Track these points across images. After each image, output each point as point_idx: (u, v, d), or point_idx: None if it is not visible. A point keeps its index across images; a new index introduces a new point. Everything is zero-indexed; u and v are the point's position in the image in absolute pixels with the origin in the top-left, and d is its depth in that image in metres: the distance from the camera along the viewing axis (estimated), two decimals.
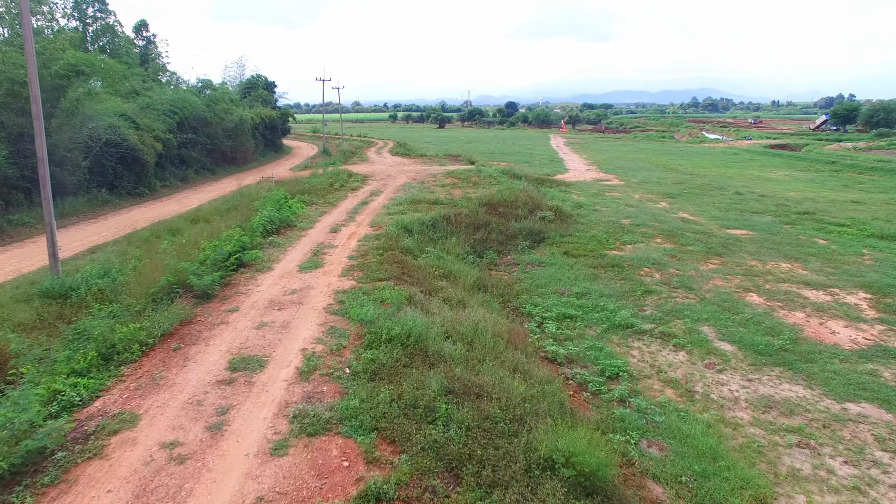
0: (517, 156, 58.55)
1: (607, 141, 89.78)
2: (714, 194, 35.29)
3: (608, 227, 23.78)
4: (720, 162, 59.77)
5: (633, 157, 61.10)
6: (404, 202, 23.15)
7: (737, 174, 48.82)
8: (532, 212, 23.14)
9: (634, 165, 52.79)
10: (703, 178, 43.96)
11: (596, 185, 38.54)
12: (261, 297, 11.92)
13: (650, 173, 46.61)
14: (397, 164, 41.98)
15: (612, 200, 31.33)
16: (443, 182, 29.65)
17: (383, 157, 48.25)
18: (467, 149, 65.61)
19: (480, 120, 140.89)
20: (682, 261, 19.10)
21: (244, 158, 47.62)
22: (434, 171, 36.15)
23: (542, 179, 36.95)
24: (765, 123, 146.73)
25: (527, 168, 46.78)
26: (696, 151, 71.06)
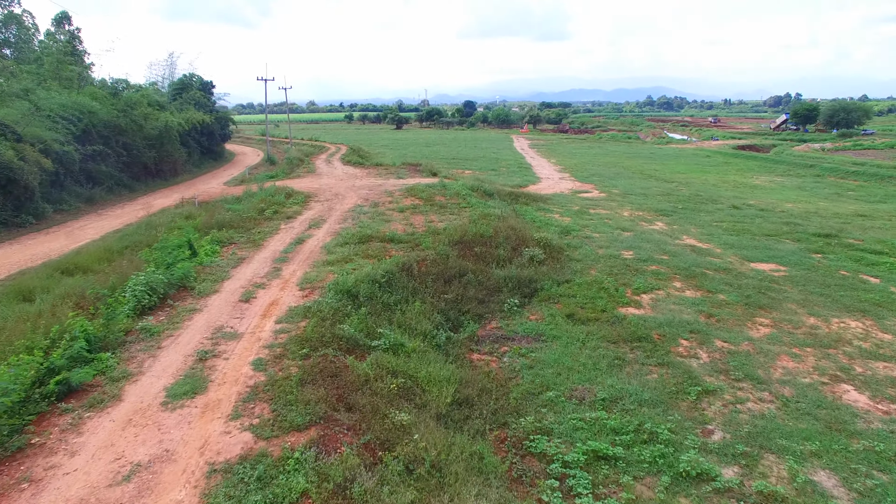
0: (482, 161, 53.57)
1: (572, 142, 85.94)
2: (709, 209, 31.09)
3: (610, 265, 18.88)
4: (695, 166, 56.31)
5: (604, 162, 57.01)
6: (351, 240, 17.69)
7: (720, 181, 45.15)
8: (516, 249, 17.99)
9: (609, 172, 48.54)
10: (689, 188, 39.93)
11: (576, 198, 33.83)
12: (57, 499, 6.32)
13: (630, 181, 42.34)
14: (348, 176, 36.32)
15: (601, 222, 26.58)
16: (401, 204, 24.25)
17: (333, 166, 42.44)
18: (427, 154, 60.30)
19: (439, 120, 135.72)
20: (723, 321, 14.30)
21: (173, 171, 41.05)
22: (391, 186, 30.71)
23: (515, 194, 31.95)
24: (723, 122, 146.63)
25: (495, 177, 41.82)
26: (667, 154, 67.69)
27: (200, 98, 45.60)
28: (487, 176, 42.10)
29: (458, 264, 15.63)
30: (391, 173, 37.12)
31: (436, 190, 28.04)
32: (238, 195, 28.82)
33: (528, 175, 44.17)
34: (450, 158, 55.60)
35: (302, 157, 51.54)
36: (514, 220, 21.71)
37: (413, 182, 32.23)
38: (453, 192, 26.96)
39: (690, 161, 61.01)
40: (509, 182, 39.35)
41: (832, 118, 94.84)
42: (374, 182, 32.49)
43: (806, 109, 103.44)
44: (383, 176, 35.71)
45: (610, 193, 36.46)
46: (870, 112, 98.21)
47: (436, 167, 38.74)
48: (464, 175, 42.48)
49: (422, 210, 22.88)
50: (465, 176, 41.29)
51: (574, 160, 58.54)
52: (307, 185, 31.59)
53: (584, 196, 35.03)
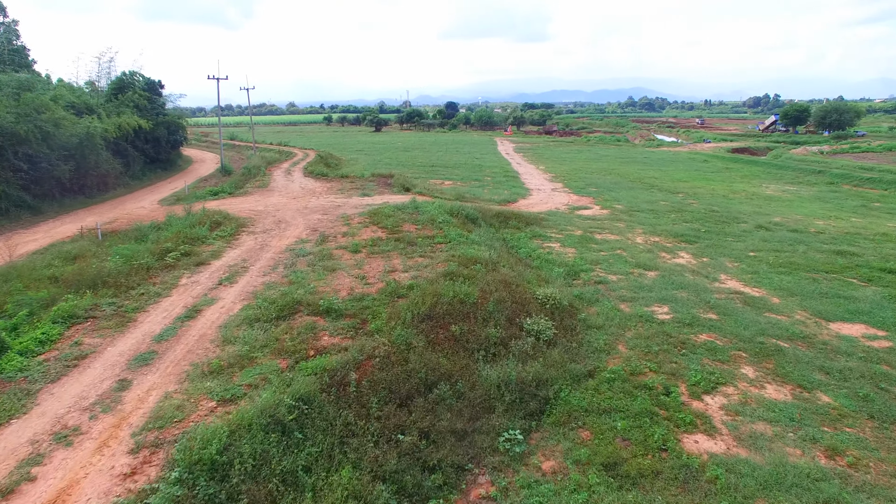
0: (464, 169, 47.71)
1: (559, 146, 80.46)
2: (735, 232, 25.62)
3: (644, 336, 13.13)
4: (696, 172, 51.09)
5: (598, 168, 51.50)
6: (268, 313, 11.70)
7: (728, 191, 39.85)
8: (513, 320, 12.15)
9: (606, 181, 42.99)
10: (699, 201, 34.50)
11: (575, 217, 28.11)
12: None
13: (631, 193, 36.80)
14: (304, 192, 30.20)
15: (614, 254, 20.86)
16: (357, 239, 18.24)
17: (292, 178, 36.22)
18: (404, 160, 54.27)
19: (419, 122, 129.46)
20: (860, 466, 8.60)
21: (101, 185, 34.51)
22: (351, 208, 24.70)
23: (504, 215, 26.13)
24: (709, 123, 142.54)
25: (478, 190, 36.01)
26: (661, 158, 62.44)
27: (140, 100, 39.02)
28: (470, 189, 36.28)
29: (425, 363, 9.72)
30: (356, 188, 31.05)
31: (406, 214, 22.06)
32: (163, 220, 22.67)
33: (517, 186, 38.39)
34: (428, 166, 49.63)
35: (263, 165, 45.19)
36: (507, 265, 15.82)
37: (380, 201, 26.24)
38: (427, 219, 21.02)
39: (689, 166, 55.82)
40: (496, 196, 33.56)
41: (824, 119, 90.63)
42: (333, 202, 26.41)
43: (796, 110, 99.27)
44: (346, 192, 29.62)
45: (613, 210, 30.85)
46: (861, 113, 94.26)
47: (410, 180, 32.73)
48: (443, 187, 36.61)
49: (383, 248, 16.88)
50: (444, 189, 35.41)
51: (564, 166, 52.95)
52: (249, 207, 25.42)
53: (583, 214, 29.34)
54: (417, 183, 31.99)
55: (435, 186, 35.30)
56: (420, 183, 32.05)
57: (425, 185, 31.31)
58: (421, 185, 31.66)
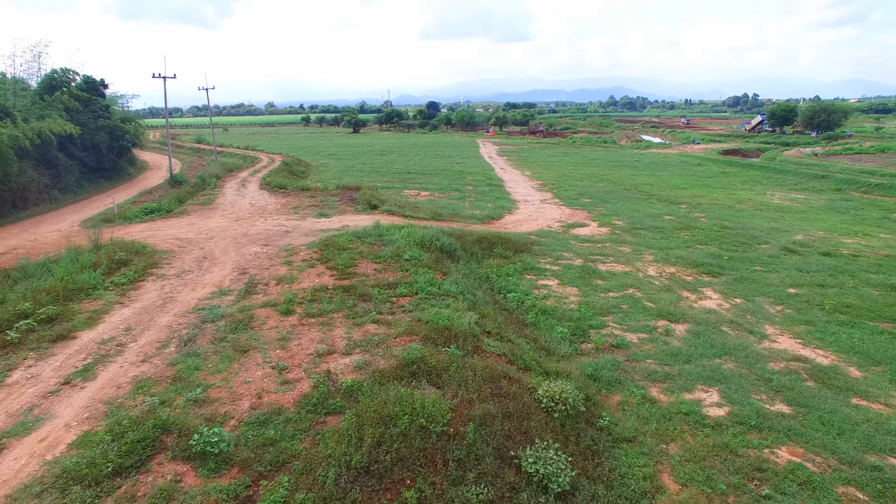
0: (443, 177, 43.15)
1: (544, 148, 76.23)
2: (762, 258, 21.48)
3: (696, 456, 8.75)
4: (692, 178, 47.15)
5: (587, 174, 47.28)
6: (101, 467, 6.90)
7: (732, 200, 35.84)
8: (504, 456, 7.62)
9: (599, 189, 38.72)
10: (705, 213, 30.41)
11: (572, 240, 23.70)
12: None
13: (629, 205, 32.57)
14: (253, 211, 25.37)
15: (625, 295, 16.50)
16: (293, 289, 13.58)
17: (245, 191, 31.29)
18: (379, 166, 49.52)
19: (399, 123, 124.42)
20: None
21: (19, 201, 29.38)
22: (299, 236, 19.97)
23: (488, 241, 21.61)
24: (693, 123, 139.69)
25: (458, 203, 31.50)
26: (653, 161, 58.50)
27: (71, 102, 33.70)
28: (449, 201, 31.74)
29: None
30: (315, 205, 26.25)
31: (365, 245, 17.44)
32: (79, 248, 17.79)
33: (501, 198, 33.92)
34: (404, 173, 44.96)
35: (220, 174, 40.16)
36: (494, 332, 11.28)
37: (338, 224, 21.57)
38: (391, 253, 16.42)
39: (683, 171, 51.90)
40: (478, 211, 29.08)
41: (812, 120, 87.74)
42: (282, 225, 21.61)
43: (783, 110, 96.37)
44: (302, 211, 24.81)
45: (613, 227, 26.53)
46: (848, 113, 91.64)
47: (378, 195, 27.95)
48: (418, 200, 32.01)
49: (324, 307, 12.23)
50: (419, 203, 30.82)
51: (552, 171, 48.64)
52: (178, 234, 20.56)
53: (580, 234, 24.96)
54: (387, 198, 27.31)
55: (408, 200, 30.70)
56: (390, 197, 27.37)
57: (396, 201, 26.66)
58: (391, 200, 27.00)
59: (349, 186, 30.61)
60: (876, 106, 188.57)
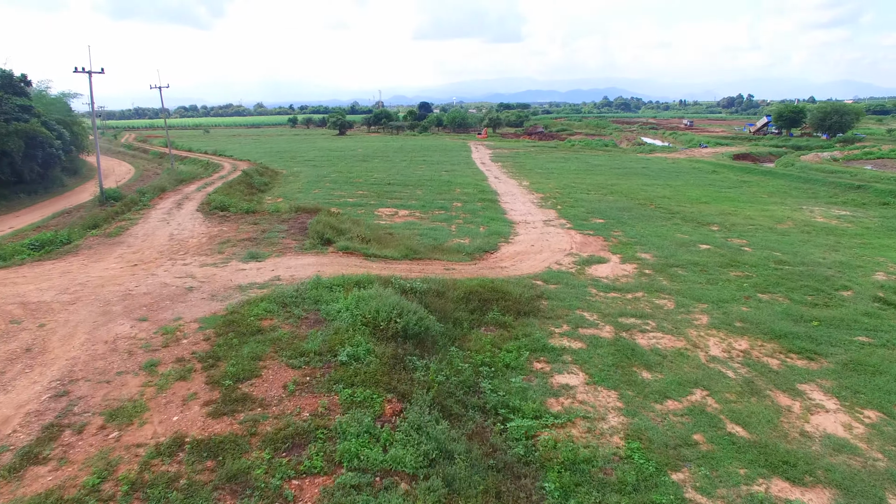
0: (428, 188, 36.89)
1: (541, 151, 70.01)
2: (853, 315, 15.37)
3: None
4: (712, 189, 41.11)
5: (594, 184, 41.12)
6: None
7: (770, 219, 29.77)
8: None
9: (610, 204, 32.55)
10: (748, 240, 24.31)
11: (590, 287, 17.46)
12: None
13: (650, 227, 26.49)
14: (165, 249, 18.93)
15: (692, 406, 10.34)
16: (112, 453, 7.30)
17: (177, 214, 24.82)
18: (358, 174, 43.15)
19: (388, 124, 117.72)
20: None
21: None
22: (200, 300, 13.62)
23: (478, 296, 15.30)
24: (694, 125, 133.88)
25: (443, 226, 25.28)
26: (663, 168, 52.43)
27: None
28: (431, 227, 25.48)
29: None
30: (251, 238, 19.77)
31: (288, 323, 11.25)
32: None
33: (496, 219, 27.69)
34: (384, 184, 38.64)
35: (165, 186, 33.75)
36: None
37: (269, 273, 15.27)
38: (323, 343, 10.17)
39: (698, 179, 45.87)
40: (467, 240, 22.86)
41: (823, 121, 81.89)
42: (187, 278, 15.13)
43: (791, 111, 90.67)
44: (229, 249, 18.32)
45: (640, 264, 20.34)
46: (860, 114, 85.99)
47: (338, 223, 21.32)
48: (393, 224, 25.74)
49: None
50: (393, 228, 24.56)
51: (553, 181, 42.48)
52: (30, 291, 14.14)
53: (600, 276, 18.74)
54: (348, 227, 20.88)
55: (379, 225, 24.44)
56: (351, 228, 20.90)
57: (359, 232, 20.26)
58: (353, 229, 20.61)
59: (306, 209, 24.20)
60: (874, 107, 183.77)
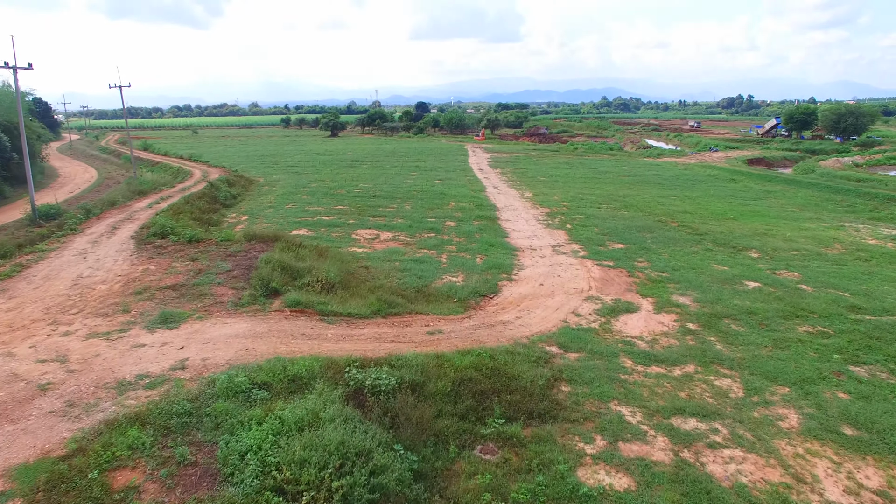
0: (417, 202, 32.29)
1: (543, 155, 65.34)
2: None
3: None
4: (735, 201, 36.58)
5: (605, 195, 36.53)
6: None
7: (814, 242, 25.21)
8: None
9: (628, 223, 27.97)
10: (802, 273, 19.79)
11: (623, 354, 12.87)
12: None
13: (681, 255, 21.95)
14: (52, 305, 14.19)
15: None
16: None
17: (105, 244, 20.08)
18: (341, 184, 38.50)
19: (382, 126, 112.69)
20: None
21: None
22: (42, 422, 8.85)
23: (473, 388, 10.70)
24: (692, 125, 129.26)
25: (431, 258, 20.69)
26: (675, 175, 47.85)
27: None
28: (416, 256, 20.87)
29: None
30: (175, 289, 14.82)
31: (154, 480, 6.54)
32: None
33: (496, 244, 23.06)
34: (368, 197, 34.00)
35: (117, 199, 29.08)
36: None
37: (175, 354, 10.68)
38: None
39: (717, 189, 41.32)
40: (460, 278, 18.29)
41: (837, 123, 77.36)
42: (51, 363, 10.26)
43: (802, 113, 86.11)
44: (139, 305, 13.46)
45: (680, 314, 15.78)
46: (876, 117, 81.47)
47: (297, 261, 16.42)
48: (372, 252, 21.12)
49: None
50: (371, 256, 19.96)
51: (559, 192, 37.89)
52: None
53: (634, 339, 14.15)
54: (308, 265, 16.17)
55: (354, 256, 19.80)
56: (314, 265, 16.20)
57: (322, 271, 15.58)
58: (316, 269, 15.92)
59: (263, 236, 19.49)
60: (877, 108, 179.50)
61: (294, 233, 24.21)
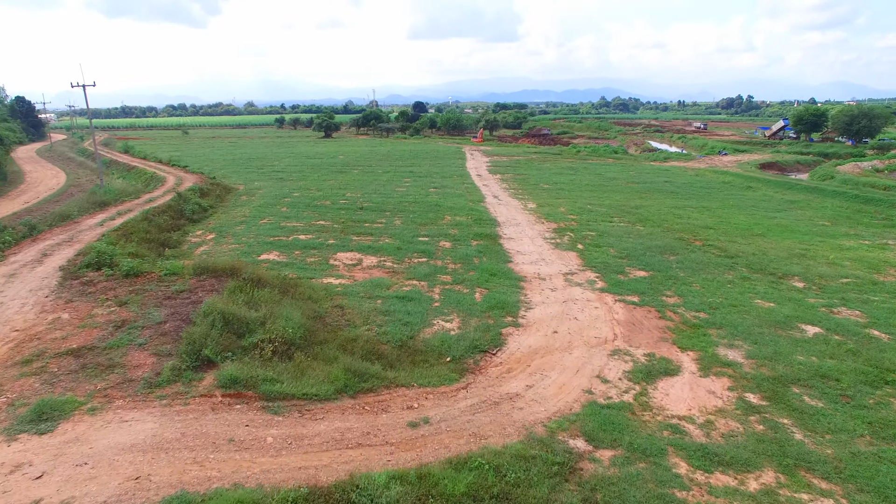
0: (409, 216, 28.77)
1: (545, 159, 61.75)
2: None
3: None
4: (759, 214, 33.10)
5: (616, 206, 33.01)
6: None
7: (863, 266, 21.73)
8: None
9: (647, 242, 24.42)
10: (862, 310, 16.23)
11: (684, 474, 9.33)
12: None
13: (716, 286, 18.52)
14: None
15: None
16: None
17: (25, 278, 16.43)
18: (324, 193, 34.91)
19: (378, 126, 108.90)
20: None
21: None
22: None
23: None
24: (691, 126, 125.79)
25: (419, 294, 17.23)
26: (688, 183, 44.37)
27: None
28: (402, 291, 17.35)
29: None
30: (80, 356, 10.69)
31: None
32: None
33: (497, 273, 19.53)
34: (355, 209, 30.45)
35: (72, 213, 25.52)
36: None
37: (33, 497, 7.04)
38: None
39: (736, 199, 37.84)
40: (454, 323, 14.84)
41: (850, 126, 73.88)
42: None
43: (812, 114, 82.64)
44: (16, 385, 9.98)
45: (736, 380, 12.28)
46: (890, 118, 77.99)
47: (248, 311, 12.55)
48: (351, 283, 17.62)
49: None
50: (348, 292, 16.47)
51: (565, 202, 34.37)
52: None
53: (679, 418, 10.74)
54: (264, 313, 12.57)
55: (328, 291, 16.30)
56: (271, 311, 12.66)
57: (281, 321, 12.07)
58: (274, 316, 12.40)
59: (217, 270, 15.91)
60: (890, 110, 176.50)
61: (263, 258, 20.66)
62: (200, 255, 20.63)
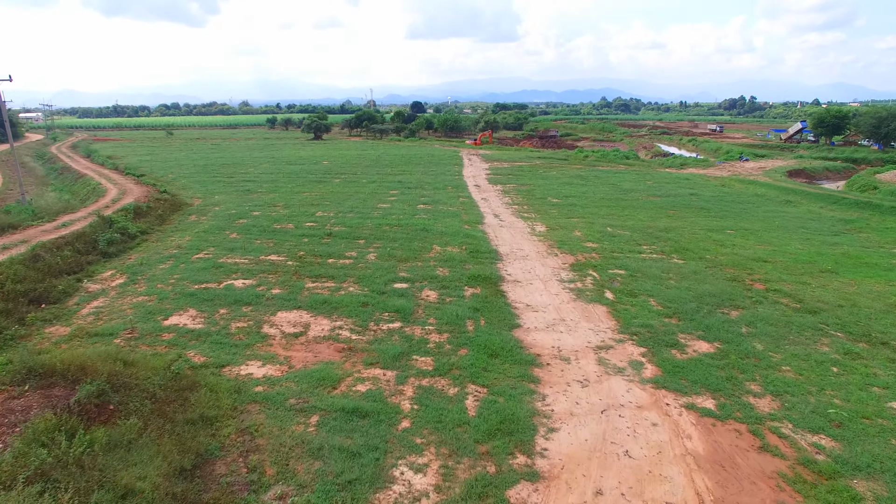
0: (387, 246, 22.70)
1: (552, 166, 55.56)
2: None
3: None
4: (810, 236, 27.13)
5: (641, 230, 26.91)
6: None
7: None
8: None
9: (695, 288, 18.24)
10: None
11: None
12: None
13: (814, 370, 12.25)
14: None
15: None
16: None
17: None
18: (293, 210, 28.77)
19: (371, 127, 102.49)
20: None
21: None
22: None
23: None
24: (702, 128, 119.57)
25: (384, 408, 10.95)
26: (717, 197, 38.26)
27: None
28: (362, 383, 11.27)
29: None
30: None
31: None
32: None
33: (500, 351, 13.49)
34: (321, 236, 24.33)
35: None
36: None
37: None
38: None
39: (778, 216, 31.80)
40: (429, 460, 8.78)
41: (878, 128, 67.76)
42: None
43: (834, 116, 76.51)
44: None
45: None
46: None
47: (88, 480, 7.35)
48: (290, 368, 11.50)
49: None
50: (278, 389, 10.30)
51: (580, 223, 28.30)
52: None
53: None
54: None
55: (229, 402, 10.14)
56: (110, 464, 6.76)
57: None
58: (154, 481, 6.36)
59: (53, 373, 9.75)
60: None
61: (170, 322, 14.54)
62: (85, 318, 14.52)
